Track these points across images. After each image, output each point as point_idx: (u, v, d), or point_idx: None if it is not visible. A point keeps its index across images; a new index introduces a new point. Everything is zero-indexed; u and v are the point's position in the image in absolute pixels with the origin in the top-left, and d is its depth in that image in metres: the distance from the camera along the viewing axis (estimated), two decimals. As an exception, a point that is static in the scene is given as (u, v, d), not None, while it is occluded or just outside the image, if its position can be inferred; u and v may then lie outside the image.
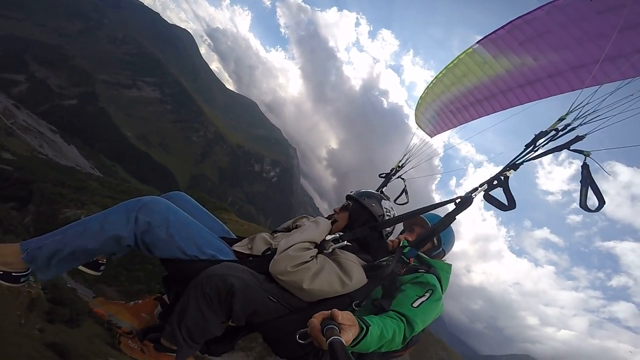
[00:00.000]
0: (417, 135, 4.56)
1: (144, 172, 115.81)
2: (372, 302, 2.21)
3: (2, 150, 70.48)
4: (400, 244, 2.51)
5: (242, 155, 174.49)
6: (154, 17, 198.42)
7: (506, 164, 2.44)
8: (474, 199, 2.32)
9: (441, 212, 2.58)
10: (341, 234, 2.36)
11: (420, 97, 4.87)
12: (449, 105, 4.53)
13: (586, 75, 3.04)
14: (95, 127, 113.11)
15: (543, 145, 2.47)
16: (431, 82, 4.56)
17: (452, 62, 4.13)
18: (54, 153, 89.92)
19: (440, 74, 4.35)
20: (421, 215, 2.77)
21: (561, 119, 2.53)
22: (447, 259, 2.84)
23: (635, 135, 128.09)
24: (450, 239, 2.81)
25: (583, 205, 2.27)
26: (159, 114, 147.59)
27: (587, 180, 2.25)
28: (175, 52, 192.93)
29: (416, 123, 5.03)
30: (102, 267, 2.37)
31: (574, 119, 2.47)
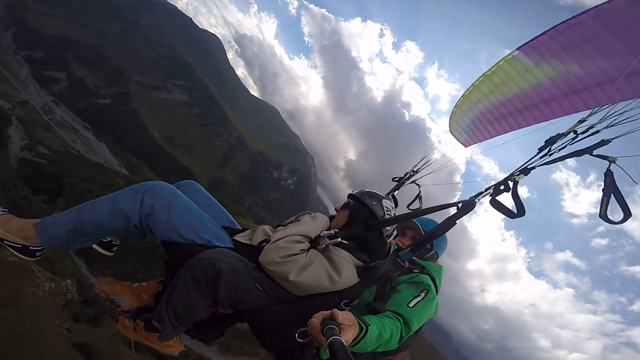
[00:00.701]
0: (441, 142, 4.38)
1: (167, 172, 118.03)
2: (366, 305, 2.22)
3: (39, 145, 73.55)
4: (392, 248, 2.50)
5: (262, 162, 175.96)
6: (186, 22, 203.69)
7: (516, 167, 2.27)
8: (477, 204, 2.23)
9: (442, 214, 2.43)
10: (336, 230, 2.35)
11: (456, 105, 4.69)
12: (486, 114, 4.30)
13: (638, 83, 2.74)
14: (125, 126, 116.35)
15: (559, 150, 2.30)
16: (467, 89, 4.37)
17: (490, 69, 3.95)
18: (85, 149, 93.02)
19: (477, 82, 4.15)
20: (414, 220, 2.79)
21: (582, 121, 2.38)
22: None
23: None
24: (443, 242, 2.82)
25: (603, 215, 2.13)
26: (185, 117, 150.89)
27: (609, 188, 2.09)
28: (205, 56, 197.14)
29: (450, 132, 4.88)
30: (114, 248, 2.44)
31: (599, 121, 2.28)
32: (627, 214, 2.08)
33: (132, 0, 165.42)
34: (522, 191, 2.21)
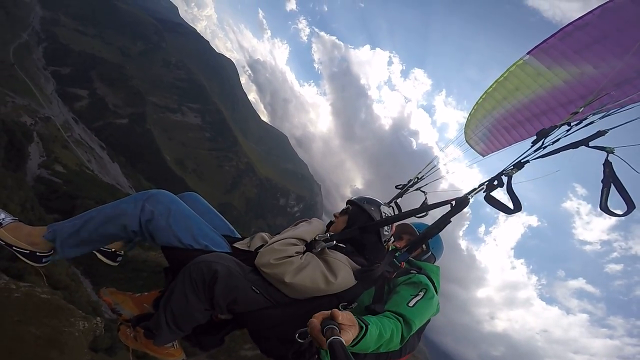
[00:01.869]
0: (442, 149, 4.41)
1: None
2: (365, 308, 2.18)
3: (56, 162, 72.86)
4: (389, 249, 2.53)
5: (269, 188, 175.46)
6: (204, 45, 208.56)
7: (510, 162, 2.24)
8: (471, 201, 2.21)
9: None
10: (331, 234, 2.35)
11: (470, 113, 4.63)
12: (502, 122, 4.21)
13: None
14: (139, 147, 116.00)
15: (553, 143, 2.25)
16: (480, 97, 4.29)
17: (502, 75, 3.89)
18: (99, 169, 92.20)
19: (490, 89, 4.08)
20: (411, 225, 2.83)
21: (575, 113, 2.32)
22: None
23: None
24: (439, 244, 2.83)
25: (604, 207, 2.06)
26: (197, 140, 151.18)
27: (609, 179, 2.03)
28: (219, 80, 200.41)
29: (466, 142, 4.79)
30: (119, 258, 2.47)
31: (594, 113, 2.24)
32: (631, 206, 2.05)
33: (156, 21, 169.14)
34: (531, 220, 1.65)
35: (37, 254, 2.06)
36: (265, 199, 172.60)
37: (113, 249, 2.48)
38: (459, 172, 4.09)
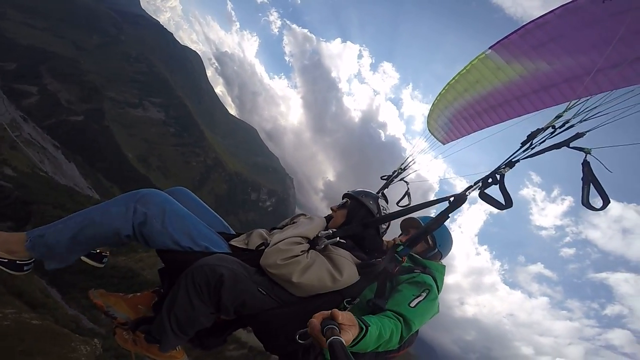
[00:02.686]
0: (419, 141, 4.64)
1: None
2: (367, 302, 2.21)
3: (5, 165, 68.39)
4: (395, 243, 2.54)
5: (239, 183, 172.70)
6: (168, 38, 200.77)
7: (502, 161, 2.38)
8: (468, 197, 2.31)
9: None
10: (334, 230, 2.38)
11: (433, 104, 4.86)
12: (462, 112, 4.48)
13: (604, 80, 2.91)
14: (97, 145, 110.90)
15: (540, 143, 2.43)
16: (443, 88, 4.51)
17: (464, 68, 4.09)
18: (53, 170, 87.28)
19: (453, 81, 4.30)
20: (416, 218, 2.81)
21: (558, 116, 2.50)
22: (446, 262, 2.83)
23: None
24: (447, 240, 2.81)
25: (585, 202, 2.21)
26: (161, 136, 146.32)
27: (588, 177, 2.21)
28: (184, 73, 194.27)
29: (429, 130, 5.03)
30: (105, 260, 2.40)
31: (573, 116, 2.43)
32: (607, 201, 2.20)
33: (114, 13, 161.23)
34: (492, 207, 2.29)
35: (17, 262, 1.93)
36: (236, 194, 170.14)
37: (98, 250, 2.40)
38: (436, 162, 4.36)
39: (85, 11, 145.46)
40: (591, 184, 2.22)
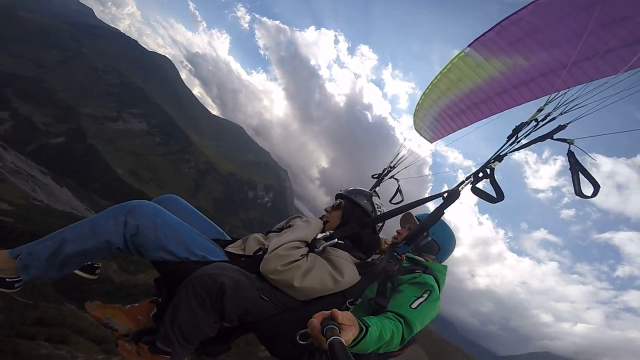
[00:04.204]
0: (409, 138, 4.54)
1: None
2: (369, 301, 2.20)
3: (-1, 201, 62.48)
4: (393, 242, 2.57)
5: (234, 184, 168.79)
6: (133, 45, 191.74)
7: (490, 156, 2.44)
8: (461, 192, 2.33)
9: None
10: (332, 231, 2.35)
11: (418, 103, 4.89)
12: (447, 110, 4.52)
13: (579, 73, 3.01)
14: (85, 165, 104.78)
15: (525, 136, 2.47)
16: (427, 88, 4.56)
17: (445, 67, 4.14)
18: (47, 197, 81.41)
19: (436, 80, 4.34)
20: (413, 215, 2.77)
21: (540, 110, 2.53)
22: (448, 260, 2.81)
23: (612, 126, 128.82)
24: (444, 233, 2.74)
25: (578, 192, 2.26)
26: (147, 147, 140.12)
27: (575, 167, 2.26)
28: (158, 79, 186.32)
29: (415, 130, 5.04)
30: (97, 271, 2.36)
31: (554, 109, 2.47)
32: (597, 187, 2.28)
33: (69, 27, 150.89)
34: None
35: (7, 280, 1.88)
36: (233, 194, 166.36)
37: (90, 262, 2.31)
38: (421, 160, 4.35)
39: (37, 28, 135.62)
40: (580, 173, 2.26)
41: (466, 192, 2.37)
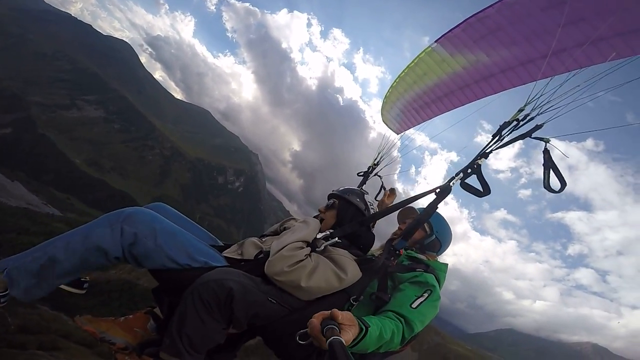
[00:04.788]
0: (386, 134, 4.72)
1: (101, 200, 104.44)
2: (370, 296, 2.24)
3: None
4: (390, 237, 2.65)
5: (203, 169, 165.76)
6: (86, 29, 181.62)
7: (477, 153, 2.57)
8: (452, 188, 2.44)
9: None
10: (331, 231, 2.39)
11: (385, 96, 5.00)
12: (412, 103, 4.68)
13: (535, 70, 3.21)
14: (38, 157, 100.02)
15: (508, 135, 2.62)
16: (394, 81, 4.68)
17: (413, 61, 4.25)
18: (-4, 193, 77.62)
19: (403, 73, 4.47)
20: (415, 208, 2.82)
21: (520, 110, 2.67)
22: (445, 256, 2.92)
23: (580, 122, 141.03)
24: (445, 228, 2.80)
25: (546, 186, 2.41)
26: (106, 135, 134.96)
27: (549, 163, 2.41)
28: (115, 64, 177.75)
29: (383, 121, 5.20)
30: (85, 285, 2.28)
31: (532, 110, 2.63)
32: (564, 184, 2.46)
33: (14, 12, 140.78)
34: (452, 156, 1.67)
35: None
36: (202, 180, 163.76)
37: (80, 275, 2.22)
38: (396, 142, 4.54)
39: None
40: (551, 170, 2.41)
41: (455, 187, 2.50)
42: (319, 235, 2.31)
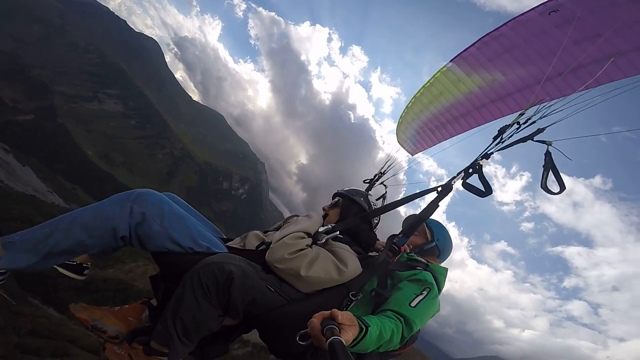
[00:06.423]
0: (395, 147, 4.89)
1: (106, 194, 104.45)
2: (370, 293, 2.26)
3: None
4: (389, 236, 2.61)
5: (209, 173, 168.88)
6: (120, 24, 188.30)
7: (479, 154, 2.61)
8: (454, 186, 2.49)
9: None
10: (333, 225, 2.44)
11: (401, 116, 5.03)
12: (428, 124, 4.70)
13: (552, 88, 3.20)
14: (53, 145, 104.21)
15: (509, 137, 2.65)
16: (410, 101, 4.72)
17: (428, 81, 4.29)
18: (7, 176, 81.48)
19: (419, 93, 4.50)
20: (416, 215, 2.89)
21: (522, 114, 2.73)
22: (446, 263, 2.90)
23: (591, 157, 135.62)
24: (445, 237, 2.84)
25: (544, 186, 2.43)
26: (122, 130, 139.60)
27: (549, 165, 2.44)
28: (141, 62, 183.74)
29: (398, 142, 5.19)
30: (86, 271, 2.32)
31: (534, 113, 2.65)
32: (562, 187, 2.44)
33: (60, 3, 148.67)
34: (457, 184, 2.53)
35: None
36: (207, 184, 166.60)
37: (78, 261, 2.26)
38: (402, 164, 4.49)
39: (21, 2, 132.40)
40: (550, 171, 2.44)
41: (454, 190, 2.48)
42: (321, 229, 2.32)
